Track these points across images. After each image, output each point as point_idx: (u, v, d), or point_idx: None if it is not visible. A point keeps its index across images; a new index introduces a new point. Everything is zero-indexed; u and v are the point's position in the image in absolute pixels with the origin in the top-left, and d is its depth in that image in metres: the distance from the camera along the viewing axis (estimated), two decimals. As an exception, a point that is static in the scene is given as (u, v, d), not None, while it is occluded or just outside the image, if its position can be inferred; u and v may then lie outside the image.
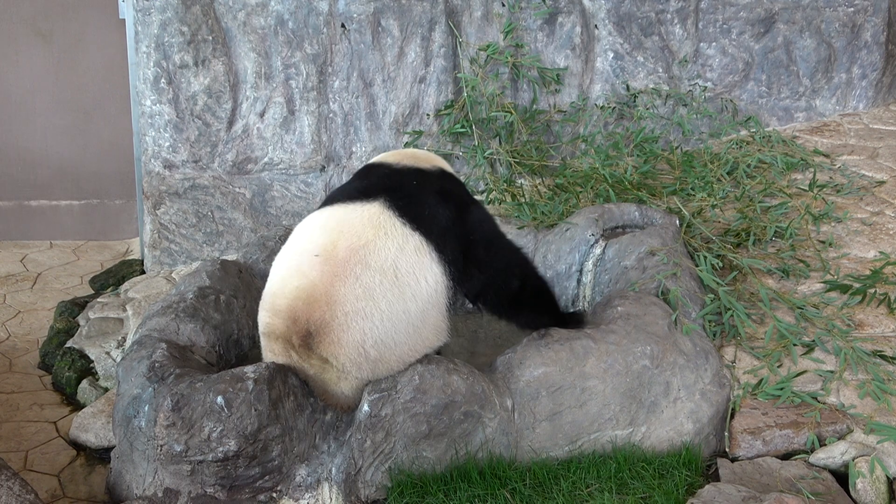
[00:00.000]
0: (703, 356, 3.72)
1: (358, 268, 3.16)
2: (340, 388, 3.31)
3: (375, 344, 3.19)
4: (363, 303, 3.15)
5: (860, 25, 5.80)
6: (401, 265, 3.20)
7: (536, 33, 5.58)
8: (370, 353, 3.20)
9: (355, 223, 3.24)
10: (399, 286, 3.19)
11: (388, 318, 3.18)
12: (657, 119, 5.69)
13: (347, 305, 3.15)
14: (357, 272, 3.16)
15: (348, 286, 3.13)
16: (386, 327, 3.19)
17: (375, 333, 3.17)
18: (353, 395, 3.32)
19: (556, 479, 3.32)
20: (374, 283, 3.16)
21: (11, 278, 5.67)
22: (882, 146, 5.49)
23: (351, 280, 3.14)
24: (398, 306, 3.19)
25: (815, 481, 3.39)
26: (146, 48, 5.26)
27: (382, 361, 3.24)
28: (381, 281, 3.17)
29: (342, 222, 3.26)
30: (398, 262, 3.21)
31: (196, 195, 5.42)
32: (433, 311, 3.28)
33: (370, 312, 3.16)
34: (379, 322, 3.17)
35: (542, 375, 3.40)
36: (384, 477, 3.27)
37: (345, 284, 3.14)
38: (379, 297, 3.16)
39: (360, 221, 3.25)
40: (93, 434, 4.03)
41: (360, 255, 3.17)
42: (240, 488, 3.25)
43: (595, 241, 4.40)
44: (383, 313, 3.17)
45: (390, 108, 5.44)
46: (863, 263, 4.39)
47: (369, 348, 3.19)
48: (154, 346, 3.55)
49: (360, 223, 3.24)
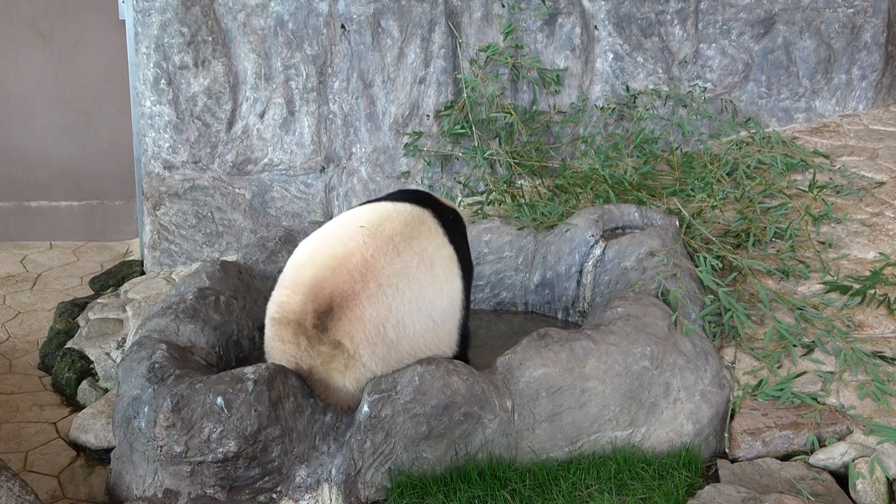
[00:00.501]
0: (703, 357, 3.72)
1: (402, 245, 3.29)
2: (345, 381, 3.30)
3: (396, 326, 3.24)
4: (398, 279, 3.24)
5: (860, 26, 5.81)
6: (437, 260, 3.37)
7: (536, 34, 5.58)
8: (388, 334, 3.24)
9: (404, 214, 3.43)
10: (433, 275, 3.33)
11: (416, 302, 3.27)
12: (657, 120, 5.69)
13: (382, 277, 3.22)
14: (400, 248, 3.28)
15: (388, 258, 3.23)
16: (411, 310, 3.26)
17: (400, 313, 3.24)
18: (355, 389, 3.32)
19: (556, 479, 3.32)
20: (412, 263, 3.28)
21: (11, 279, 5.67)
22: (882, 147, 5.49)
23: (392, 254, 3.24)
24: (428, 292, 3.31)
25: (815, 482, 3.39)
26: (146, 49, 5.26)
27: (395, 349, 3.28)
28: (418, 263, 3.30)
29: (391, 210, 3.42)
30: (435, 256, 3.38)
31: (196, 196, 5.42)
32: (451, 319, 3.43)
33: (402, 289, 3.24)
34: (407, 302, 3.25)
35: (542, 376, 3.40)
36: (384, 478, 3.27)
37: (385, 256, 3.23)
38: (413, 278, 3.27)
39: (409, 214, 3.44)
40: (93, 435, 4.03)
41: (405, 235, 3.31)
42: (240, 489, 3.25)
43: (595, 242, 4.40)
44: (414, 294, 3.26)
45: (390, 109, 5.44)
46: (863, 264, 4.39)
47: (389, 328, 3.23)
48: (154, 346, 3.56)
49: (409, 215, 3.43)
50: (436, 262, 3.37)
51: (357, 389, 3.34)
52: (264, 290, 4.29)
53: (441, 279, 3.37)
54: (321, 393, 3.35)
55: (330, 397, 3.36)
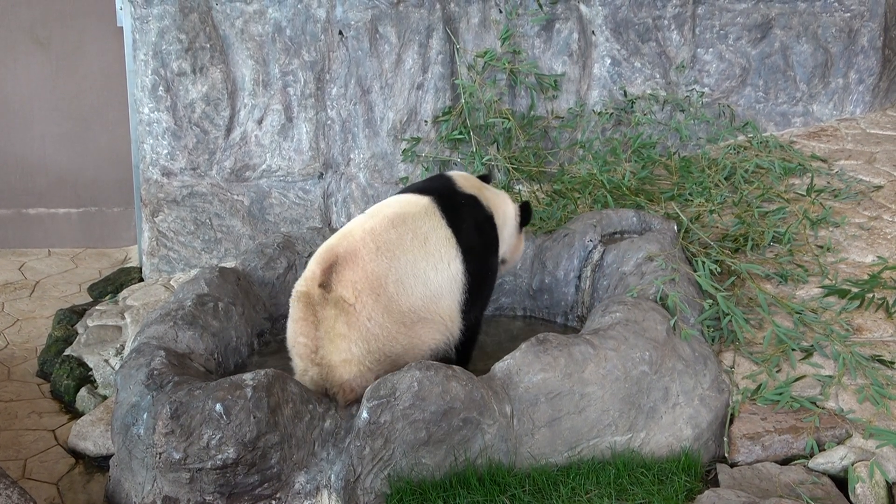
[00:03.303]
0: (702, 361, 3.72)
1: (397, 220, 3.64)
2: (350, 345, 3.44)
3: (395, 282, 3.51)
4: (394, 247, 3.57)
5: (857, 30, 5.82)
6: (431, 238, 3.65)
7: (534, 40, 5.59)
8: (388, 287, 3.50)
9: (403, 200, 3.79)
10: (426, 251, 3.62)
11: (411, 268, 3.57)
12: (655, 125, 5.70)
13: (381, 241, 3.56)
14: (395, 223, 3.63)
15: (384, 228, 3.60)
16: (407, 273, 3.55)
17: (398, 273, 3.53)
18: (359, 351, 3.45)
19: (556, 485, 3.32)
20: (406, 237, 3.60)
21: (10, 286, 5.67)
22: (879, 151, 5.50)
23: (387, 226, 3.60)
24: (422, 265, 3.60)
25: (815, 486, 3.38)
26: (144, 56, 5.26)
27: (396, 302, 3.51)
28: (412, 238, 3.61)
29: (395, 201, 3.81)
30: (429, 235, 3.66)
31: (194, 202, 5.42)
32: (448, 296, 3.65)
33: (397, 255, 3.56)
34: (402, 265, 3.55)
35: (541, 381, 3.40)
36: (383, 484, 3.27)
37: (381, 225, 3.60)
38: (407, 249, 3.58)
39: (408, 200, 3.78)
40: (91, 442, 4.03)
41: (401, 217, 3.66)
42: (239, 496, 3.24)
43: (593, 246, 4.40)
44: (408, 261, 3.56)
45: (388, 115, 5.44)
46: (861, 268, 4.39)
47: (389, 282, 3.50)
48: (152, 353, 3.55)
49: (407, 201, 3.78)
50: (430, 240, 3.64)
51: (362, 352, 3.45)
52: (263, 297, 4.30)
53: (435, 256, 3.63)
54: (327, 376, 3.41)
55: (334, 377, 3.42)
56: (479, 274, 3.80)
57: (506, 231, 4.02)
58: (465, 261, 3.72)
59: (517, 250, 4.21)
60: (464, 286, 3.70)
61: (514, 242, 4.13)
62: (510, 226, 4.06)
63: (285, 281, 4.33)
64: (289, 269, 4.37)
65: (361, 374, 3.44)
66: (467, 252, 3.73)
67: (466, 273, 3.71)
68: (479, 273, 3.81)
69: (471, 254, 3.75)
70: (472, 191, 3.93)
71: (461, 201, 3.87)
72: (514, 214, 4.08)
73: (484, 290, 3.91)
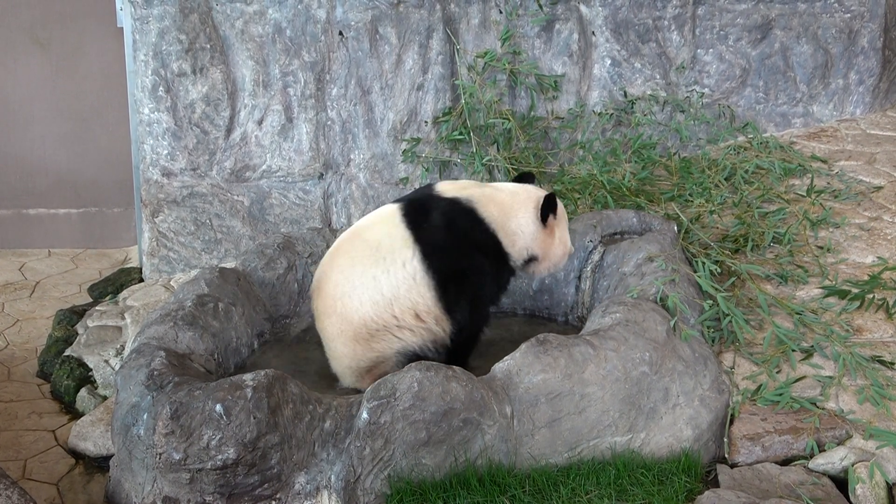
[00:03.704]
0: (702, 362, 3.72)
1: (355, 233, 3.88)
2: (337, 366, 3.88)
3: (344, 296, 3.76)
4: (343, 259, 3.81)
5: (857, 31, 5.82)
6: (384, 242, 3.77)
7: (534, 40, 5.59)
8: (337, 307, 3.77)
9: (370, 215, 4.00)
10: (376, 256, 3.75)
11: (359, 279, 3.75)
12: (655, 125, 5.70)
13: (337, 259, 3.82)
14: (353, 236, 3.87)
15: (344, 244, 3.86)
16: (355, 285, 3.75)
17: (346, 287, 3.76)
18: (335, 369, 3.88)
19: (556, 485, 3.32)
20: (357, 248, 3.81)
21: (10, 287, 5.67)
22: (879, 151, 5.50)
23: (348, 241, 3.86)
24: (371, 272, 3.75)
25: (815, 487, 3.39)
26: (144, 56, 5.27)
27: (346, 320, 3.77)
28: (363, 247, 3.79)
29: (369, 214, 4.06)
30: (382, 240, 3.78)
31: (194, 203, 5.42)
32: (406, 296, 3.74)
33: (346, 270, 3.78)
34: (351, 278, 3.76)
35: (541, 382, 3.40)
36: (383, 484, 3.27)
37: (343, 243, 3.87)
38: (357, 260, 3.78)
39: (375, 213, 3.99)
40: (91, 442, 4.03)
41: (360, 228, 3.90)
42: (239, 496, 3.24)
43: (593, 247, 4.40)
44: (356, 273, 3.76)
45: (388, 116, 5.44)
46: (861, 269, 4.39)
47: (338, 302, 3.77)
48: (153, 354, 3.55)
49: (374, 213, 3.98)
50: (382, 244, 3.76)
51: (338, 368, 3.87)
52: (263, 297, 4.30)
53: (387, 259, 3.74)
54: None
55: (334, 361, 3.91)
56: (452, 271, 3.77)
57: (511, 225, 3.89)
58: (427, 258, 3.74)
59: (549, 245, 3.98)
60: (431, 283, 3.74)
61: (541, 237, 3.94)
62: (519, 221, 3.90)
63: (285, 281, 4.34)
64: (289, 270, 4.37)
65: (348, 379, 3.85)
66: (430, 250, 3.75)
67: (431, 270, 3.73)
68: (453, 270, 3.78)
69: (436, 251, 3.75)
70: (453, 193, 3.89)
71: (431, 203, 3.86)
72: (533, 208, 3.92)
73: (466, 287, 3.82)
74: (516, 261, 3.95)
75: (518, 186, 4.02)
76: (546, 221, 3.92)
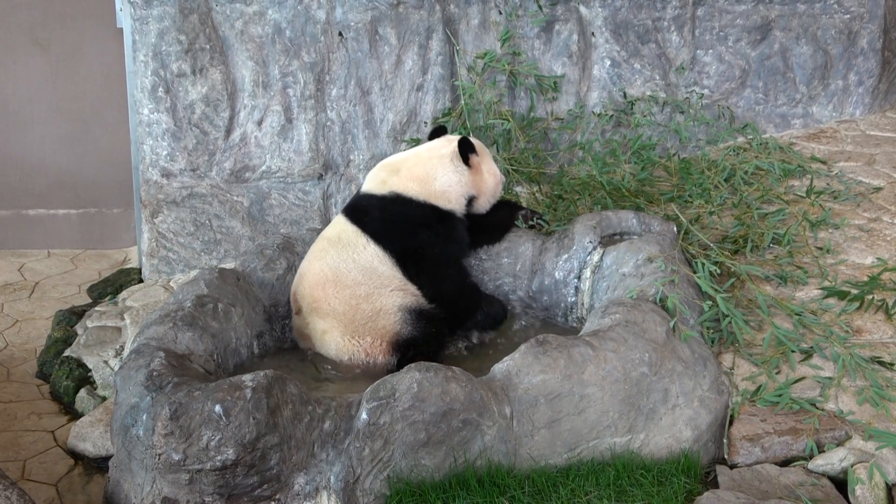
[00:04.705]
0: (702, 363, 3.72)
1: (318, 241, 4.28)
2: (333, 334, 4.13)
3: (312, 287, 4.11)
4: (311, 254, 4.21)
5: (856, 32, 5.82)
6: (342, 237, 4.19)
7: (533, 41, 5.59)
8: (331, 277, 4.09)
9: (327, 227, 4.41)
10: (341, 246, 4.16)
11: (325, 270, 4.10)
12: (654, 126, 5.70)
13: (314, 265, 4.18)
14: (318, 243, 4.26)
15: (310, 256, 4.22)
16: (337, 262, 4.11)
17: (312, 280, 4.12)
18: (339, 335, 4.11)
19: (555, 486, 3.32)
20: (318, 245, 4.23)
21: (9, 287, 5.67)
22: (879, 152, 5.50)
23: (312, 251, 4.25)
24: (345, 253, 4.13)
25: (814, 488, 3.39)
26: (144, 57, 5.27)
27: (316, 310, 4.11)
28: (328, 243, 4.20)
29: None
30: (340, 234, 4.20)
31: (194, 203, 5.42)
32: (381, 266, 4.12)
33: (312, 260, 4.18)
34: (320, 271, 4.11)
35: (541, 383, 3.40)
36: (383, 485, 3.27)
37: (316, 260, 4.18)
38: (328, 251, 4.16)
39: (329, 225, 4.41)
40: (91, 443, 4.03)
41: (319, 237, 4.30)
42: (238, 497, 3.24)
43: (593, 248, 4.40)
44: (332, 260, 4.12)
45: (388, 116, 5.44)
46: (860, 269, 4.40)
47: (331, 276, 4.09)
48: (152, 354, 3.55)
49: (329, 225, 4.40)
50: (342, 238, 4.17)
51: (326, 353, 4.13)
52: (262, 298, 4.30)
53: (351, 245, 4.14)
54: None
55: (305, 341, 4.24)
56: (404, 250, 4.15)
57: (437, 187, 4.24)
58: (380, 242, 4.15)
59: (481, 182, 4.36)
60: (392, 262, 4.12)
61: (470, 179, 4.30)
62: (442, 180, 4.25)
63: (285, 282, 4.34)
64: (288, 271, 4.37)
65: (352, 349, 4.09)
66: (377, 237, 4.16)
67: (388, 251, 4.14)
68: (405, 249, 4.16)
69: (383, 237, 4.16)
70: (377, 190, 4.27)
71: (363, 202, 4.28)
72: (449, 161, 4.27)
73: (424, 263, 4.17)
74: (460, 211, 4.30)
75: (427, 149, 4.37)
76: (469, 162, 4.28)
